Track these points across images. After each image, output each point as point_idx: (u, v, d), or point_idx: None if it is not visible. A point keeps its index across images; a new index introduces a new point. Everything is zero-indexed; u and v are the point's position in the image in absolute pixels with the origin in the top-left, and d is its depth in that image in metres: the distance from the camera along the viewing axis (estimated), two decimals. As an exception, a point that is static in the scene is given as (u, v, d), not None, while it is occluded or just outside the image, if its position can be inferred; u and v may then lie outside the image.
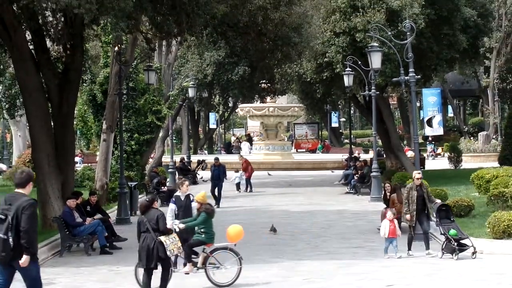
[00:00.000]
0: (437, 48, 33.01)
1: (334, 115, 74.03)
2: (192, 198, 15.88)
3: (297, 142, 70.48)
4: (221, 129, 79.92)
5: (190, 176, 36.97)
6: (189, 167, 41.66)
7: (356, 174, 33.76)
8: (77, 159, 44.76)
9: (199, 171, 41.59)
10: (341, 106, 69.47)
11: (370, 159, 35.94)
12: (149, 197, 13.77)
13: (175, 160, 39.24)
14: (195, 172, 40.73)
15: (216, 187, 29.19)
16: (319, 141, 71.11)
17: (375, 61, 25.00)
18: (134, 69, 32.45)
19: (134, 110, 33.74)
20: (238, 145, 69.22)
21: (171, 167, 36.89)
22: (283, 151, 53.00)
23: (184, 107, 47.02)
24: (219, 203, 28.81)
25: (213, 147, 73.21)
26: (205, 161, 42.82)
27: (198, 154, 59.77)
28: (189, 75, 45.78)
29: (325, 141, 72.79)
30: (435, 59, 33.75)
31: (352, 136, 60.60)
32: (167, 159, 43.09)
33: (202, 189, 31.49)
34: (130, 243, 18.81)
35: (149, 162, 39.07)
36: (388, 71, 30.04)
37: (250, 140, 69.69)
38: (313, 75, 35.55)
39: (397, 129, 47.07)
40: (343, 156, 48.08)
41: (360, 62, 30.72)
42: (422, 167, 31.96)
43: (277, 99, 58.89)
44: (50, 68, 22.04)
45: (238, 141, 72.64)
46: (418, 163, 21.61)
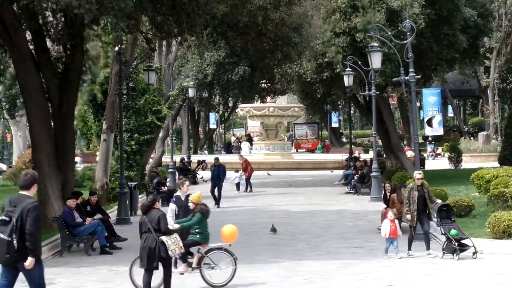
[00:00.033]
0: (437, 48, 32.99)
1: (334, 115, 74.00)
2: (192, 198, 15.88)
3: (297, 142, 70.40)
4: (221, 129, 79.87)
5: (190, 176, 36.98)
6: (189, 167, 41.67)
7: (356, 174, 33.76)
8: (77, 159, 44.73)
9: (199, 171, 41.60)
10: (341, 106, 69.45)
11: (370, 159, 35.93)
12: (150, 198, 13.76)
13: (175, 160, 39.25)
14: (195, 172, 40.74)
15: (216, 187, 29.20)
16: (319, 141, 71.06)
17: (375, 61, 25.03)
18: (134, 69, 32.45)
19: (134, 110, 33.74)
20: (238, 145, 69.17)
21: (171, 167, 36.91)
22: (283, 151, 52.97)
23: (184, 107, 46.99)
24: (219, 203, 28.84)
25: (213, 147, 73.16)
26: (205, 161, 42.81)
27: (198, 154, 59.75)
28: (189, 75, 45.79)
29: (325, 141, 72.74)
30: (435, 59, 33.73)
31: (352, 136, 60.56)
32: (167, 159, 43.08)
33: (203, 189, 31.68)
34: (130, 243, 18.84)
35: (149, 162, 39.05)
36: (388, 71, 30.03)
37: (250, 140, 69.62)
38: (313, 75, 35.56)
39: (397, 129, 47.02)
40: (343, 156, 48.07)
41: (360, 62, 30.71)
42: (422, 167, 31.97)
43: (277, 99, 58.82)
44: (50, 68, 22.05)
45: (238, 141, 72.59)
46: (418, 163, 21.62)
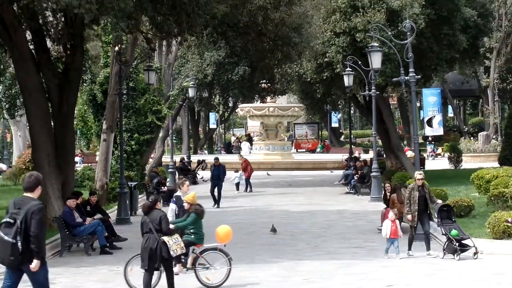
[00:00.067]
0: (437, 48, 33.00)
1: (334, 115, 73.96)
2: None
3: (297, 142, 70.41)
4: (221, 129, 79.89)
5: (190, 176, 37.00)
6: (189, 167, 41.68)
7: (356, 174, 33.74)
8: (77, 159, 44.75)
9: (199, 171, 41.61)
10: (341, 106, 69.40)
11: (370, 159, 35.92)
12: (152, 198, 13.78)
13: (175, 160, 39.25)
14: (195, 172, 40.76)
15: (216, 187, 29.18)
16: (319, 141, 71.07)
17: (375, 61, 25.02)
18: (134, 69, 32.44)
19: (134, 110, 33.74)
20: (238, 145, 69.19)
21: (171, 167, 36.90)
22: (283, 151, 52.97)
23: (184, 107, 47.01)
24: (219, 203, 28.83)
25: (213, 147, 73.18)
26: (205, 161, 42.82)
27: (198, 154, 59.76)
28: (189, 75, 45.76)
29: (325, 141, 72.74)
30: (435, 59, 33.74)
31: (352, 136, 60.55)
32: (167, 159, 43.08)
33: (202, 189, 31.71)
34: (130, 243, 18.83)
35: (149, 162, 39.06)
36: (388, 71, 30.04)
37: (250, 140, 69.64)
38: (313, 75, 35.53)
39: (397, 129, 47.04)
40: (343, 156, 48.07)
41: (360, 62, 30.71)
42: (422, 167, 31.94)
43: (277, 99, 58.81)
44: (50, 68, 22.05)
45: (238, 141, 72.61)
46: (418, 163, 21.62)
